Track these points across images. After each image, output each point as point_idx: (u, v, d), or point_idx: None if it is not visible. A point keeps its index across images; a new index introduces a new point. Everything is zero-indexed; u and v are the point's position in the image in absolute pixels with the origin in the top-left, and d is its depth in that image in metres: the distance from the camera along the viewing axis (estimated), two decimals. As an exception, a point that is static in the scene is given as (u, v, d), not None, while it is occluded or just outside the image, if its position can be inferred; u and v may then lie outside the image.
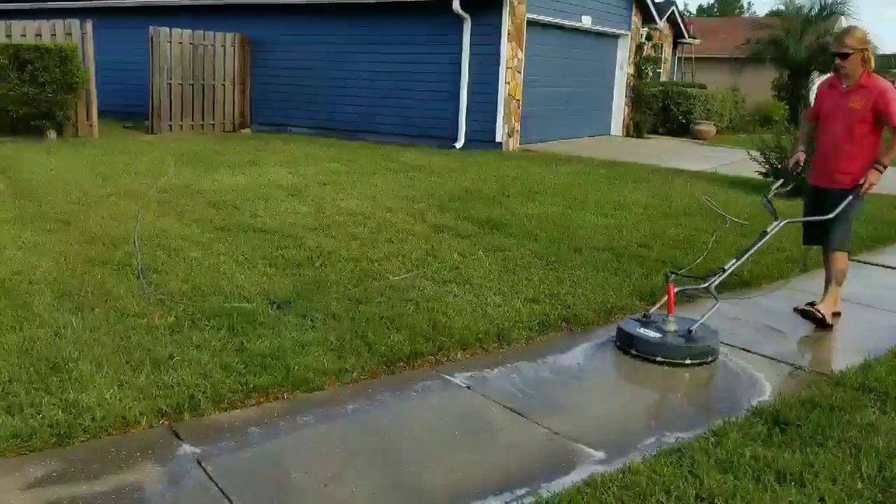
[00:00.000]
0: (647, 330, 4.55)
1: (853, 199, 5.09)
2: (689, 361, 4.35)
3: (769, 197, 5.36)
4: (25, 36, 13.14)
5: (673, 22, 22.96)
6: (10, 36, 13.11)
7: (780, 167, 10.46)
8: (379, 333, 4.48)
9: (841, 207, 5.06)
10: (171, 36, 14.74)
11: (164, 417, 3.45)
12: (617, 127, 19.01)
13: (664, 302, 4.74)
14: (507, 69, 13.96)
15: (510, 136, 14.39)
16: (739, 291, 5.92)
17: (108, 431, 3.30)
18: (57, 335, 4.21)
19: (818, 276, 5.67)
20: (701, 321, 4.58)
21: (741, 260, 5.11)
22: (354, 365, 4.08)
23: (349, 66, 15.35)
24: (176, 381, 3.73)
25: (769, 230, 5.17)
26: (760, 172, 10.76)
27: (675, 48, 24.01)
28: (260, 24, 16.21)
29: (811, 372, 4.38)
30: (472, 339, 4.54)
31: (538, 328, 4.82)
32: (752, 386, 4.17)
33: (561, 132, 16.50)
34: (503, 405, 3.82)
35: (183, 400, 3.56)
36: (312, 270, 5.75)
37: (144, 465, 3.09)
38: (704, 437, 3.41)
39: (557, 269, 6.12)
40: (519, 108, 14.55)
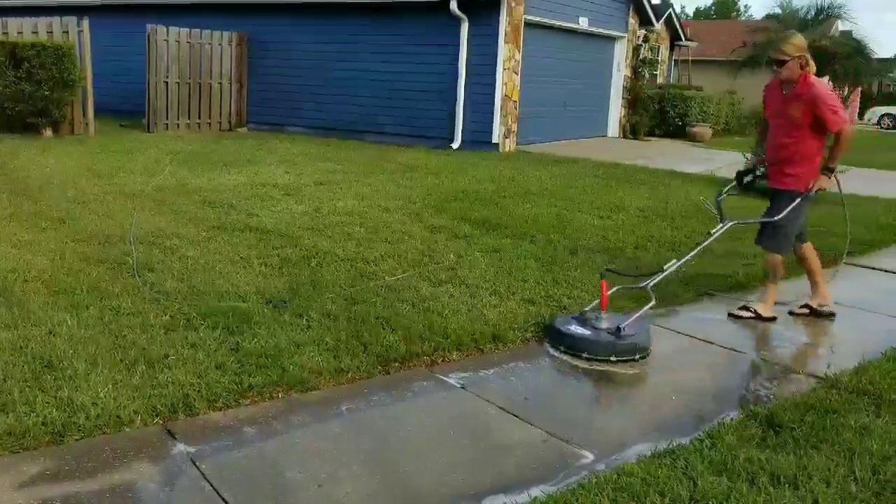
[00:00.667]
0: (576, 327, 4.57)
1: (801, 201, 5.16)
2: (614, 358, 4.37)
3: (720, 198, 5.44)
4: (22, 33, 13.11)
5: (670, 24, 22.96)
6: (6, 33, 13.08)
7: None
8: (374, 333, 4.48)
9: (788, 210, 5.13)
10: (168, 34, 14.72)
11: (158, 416, 3.44)
12: (613, 128, 19.04)
13: (609, 293, 4.76)
14: (504, 70, 13.97)
15: (507, 136, 14.40)
16: (735, 293, 5.93)
17: (102, 430, 3.30)
18: (51, 333, 4.20)
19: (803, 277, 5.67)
20: (631, 319, 4.61)
21: (682, 261, 5.17)
22: (350, 365, 4.07)
23: (347, 65, 15.34)
24: (171, 380, 3.73)
25: (714, 231, 5.24)
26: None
27: (671, 50, 24.01)
28: (258, 23, 16.20)
29: (805, 374, 4.39)
30: (467, 339, 4.54)
31: (534, 329, 4.82)
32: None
33: (558, 133, 16.51)
34: (498, 406, 3.82)
35: (177, 399, 3.55)
36: (308, 270, 5.74)
37: (139, 463, 3.09)
38: (699, 438, 3.42)
39: (553, 270, 6.12)
40: (516, 109, 14.56)
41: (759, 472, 3.12)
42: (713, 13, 68.63)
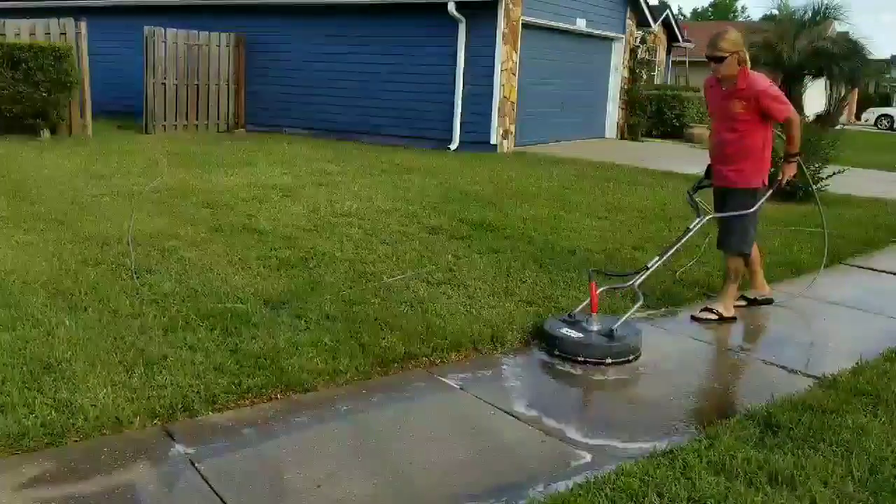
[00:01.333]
0: (569, 330, 4.54)
1: (767, 194, 5.23)
2: (609, 361, 4.37)
3: (693, 193, 5.46)
4: (19, 35, 13.10)
5: (667, 25, 23.02)
6: (3, 34, 13.07)
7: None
8: (373, 334, 4.49)
9: (760, 203, 5.16)
10: (165, 36, 14.73)
11: (157, 418, 3.44)
12: (611, 129, 19.05)
13: (596, 293, 4.72)
14: (501, 71, 13.99)
15: (505, 137, 14.41)
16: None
17: (101, 432, 3.30)
18: (50, 335, 4.20)
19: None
20: (623, 320, 4.59)
21: (664, 258, 5.17)
22: (348, 366, 4.07)
23: (344, 66, 15.35)
24: (169, 381, 3.73)
25: (691, 226, 5.25)
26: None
27: (669, 51, 24.07)
28: (255, 24, 16.20)
29: (802, 374, 4.39)
30: (465, 340, 4.54)
31: (532, 330, 4.83)
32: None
33: (555, 134, 16.53)
34: (496, 406, 3.82)
35: (176, 400, 3.55)
36: (306, 271, 5.75)
37: (137, 465, 3.09)
38: (697, 439, 3.42)
39: (552, 270, 6.12)
40: (513, 110, 14.57)
41: (756, 472, 3.13)
42: (710, 14, 68.73)
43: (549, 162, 13.17)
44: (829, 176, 10.31)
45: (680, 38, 23.97)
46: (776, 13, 26.49)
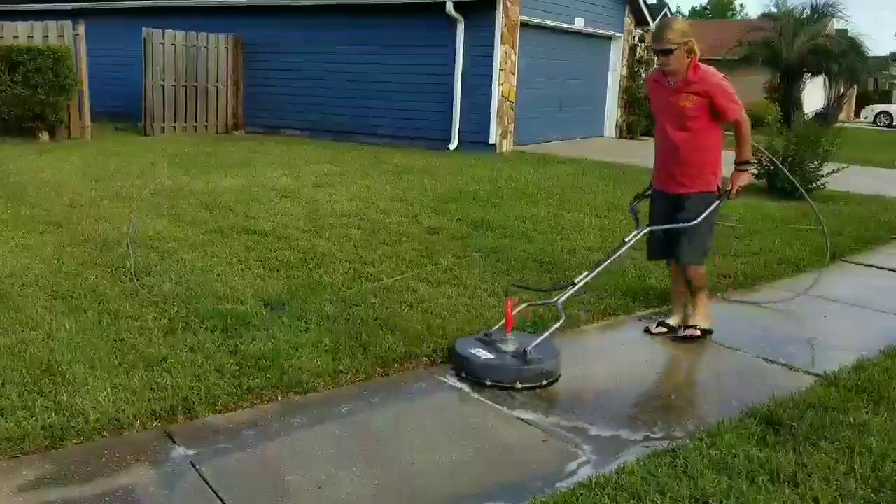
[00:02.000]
0: (479, 350, 4.14)
1: (718, 203, 4.73)
2: (519, 385, 3.97)
3: (635, 203, 5.03)
4: (18, 37, 13.09)
5: (666, 24, 22.99)
6: (2, 37, 13.07)
7: (771, 169, 10.49)
8: (373, 335, 4.48)
9: (707, 213, 4.64)
10: (164, 37, 14.72)
11: (157, 420, 3.44)
12: (610, 128, 19.05)
13: (517, 311, 4.41)
14: (500, 71, 13.98)
15: (503, 137, 14.40)
16: (733, 292, 5.94)
17: (101, 434, 3.29)
18: (50, 337, 4.20)
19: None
20: (538, 341, 4.17)
21: (594, 273, 4.67)
22: (349, 366, 4.07)
23: (342, 67, 15.34)
24: (170, 383, 3.72)
25: (628, 239, 4.80)
26: (753, 173, 10.76)
27: (667, 50, 24.02)
28: (253, 25, 16.19)
29: (803, 372, 4.39)
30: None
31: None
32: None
33: (554, 133, 16.52)
34: (498, 406, 3.82)
35: (177, 402, 3.55)
36: (306, 272, 5.74)
37: (138, 467, 3.08)
38: (698, 437, 3.42)
39: (551, 270, 6.12)
40: (512, 109, 14.56)
41: (758, 470, 3.13)
42: (708, 13, 68.74)
43: (548, 161, 13.16)
44: (828, 173, 10.30)
45: (678, 36, 23.92)
46: (774, 11, 26.49)
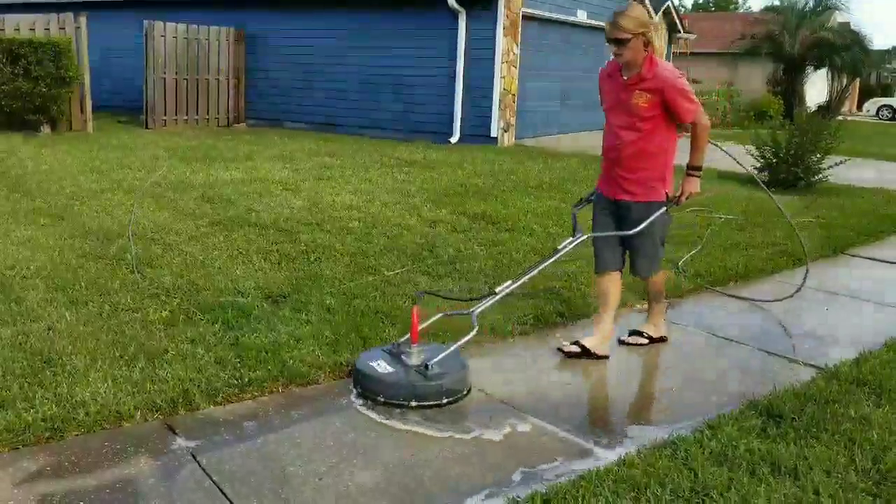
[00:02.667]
0: (379, 363, 3.82)
1: (664, 211, 4.34)
2: (414, 403, 3.63)
3: (579, 206, 4.68)
4: (19, 30, 13.06)
5: (668, 16, 22.92)
6: (3, 30, 13.03)
7: (774, 162, 10.47)
8: (374, 327, 4.48)
9: (646, 223, 4.26)
10: (165, 30, 14.69)
11: (158, 412, 3.44)
12: (612, 122, 18.98)
13: (428, 323, 4.10)
14: (502, 63, 13.94)
15: (505, 130, 14.38)
16: (731, 287, 5.93)
17: (102, 426, 3.29)
18: (51, 329, 4.20)
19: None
20: (443, 355, 3.81)
21: (518, 282, 4.26)
22: (350, 359, 4.06)
23: (344, 60, 15.32)
24: (170, 375, 3.72)
25: (560, 247, 4.44)
26: (755, 166, 10.76)
27: (669, 43, 23.98)
28: (255, 18, 16.17)
29: (804, 364, 4.38)
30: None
31: (533, 322, 4.82)
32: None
33: (556, 127, 16.49)
34: (497, 398, 3.82)
35: (177, 394, 3.55)
36: (307, 265, 5.74)
37: (139, 459, 3.09)
38: (699, 430, 3.41)
39: (553, 263, 6.10)
40: (514, 102, 14.53)
41: (759, 462, 3.12)
42: (711, 5, 68.55)
43: (550, 155, 13.14)
44: (830, 166, 10.29)
45: (681, 29, 23.88)
46: (777, 4, 26.44)
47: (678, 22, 23.63)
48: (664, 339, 4.69)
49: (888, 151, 16.55)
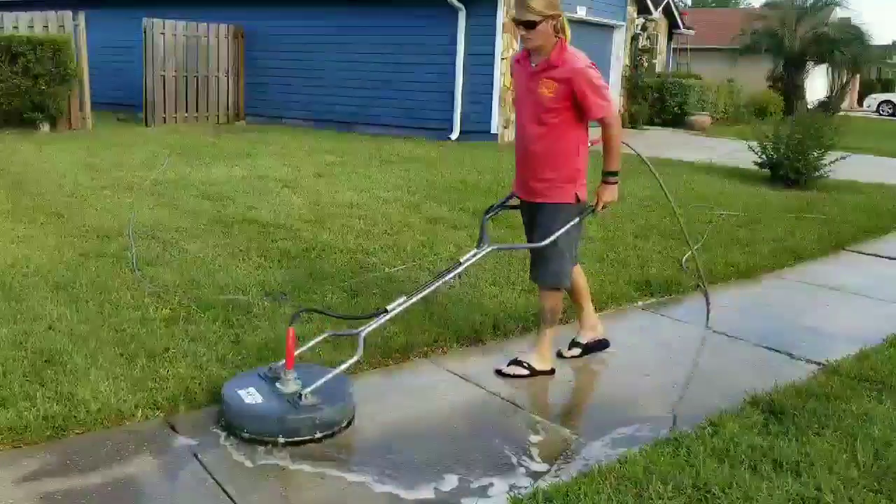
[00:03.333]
0: (245, 392, 3.38)
1: (577, 218, 3.94)
2: (282, 439, 3.20)
3: (493, 212, 4.29)
4: (18, 28, 13.05)
5: (668, 12, 22.90)
6: (2, 28, 13.03)
7: (775, 158, 10.46)
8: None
9: (559, 234, 3.87)
10: (164, 27, 14.67)
11: (159, 410, 3.44)
12: (612, 118, 18.97)
13: (310, 345, 3.74)
14: (502, 60, 13.92)
15: (505, 127, 14.36)
16: (732, 282, 5.93)
17: (103, 424, 3.29)
18: (51, 328, 4.19)
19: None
20: (320, 382, 3.36)
21: (413, 300, 3.77)
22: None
23: (344, 57, 15.30)
24: (171, 373, 3.72)
25: (464, 259, 3.95)
26: (756, 163, 10.76)
27: (670, 39, 23.96)
28: (254, 15, 16.14)
29: (805, 361, 4.38)
30: (468, 330, 4.53)
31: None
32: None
33: (556, 123, 16.45)
34: (500, 396, 3.81)
35: (179, 392, 3.55)
36: (308, 262, 5.73)
37: (140, 457, 3.08)
38: (701, 426, 3.41)
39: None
40: (513, 98, 14.50)
41: (761, 459, 3.12)
42: (712, 1, 68.48)
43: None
44: (831, 162, 10.27)
45: (681, 25, 23.86)
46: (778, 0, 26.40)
47: (678, 18, 23.61)
48: (551, 372, 4.08)
49: (889, 147, 16.53)
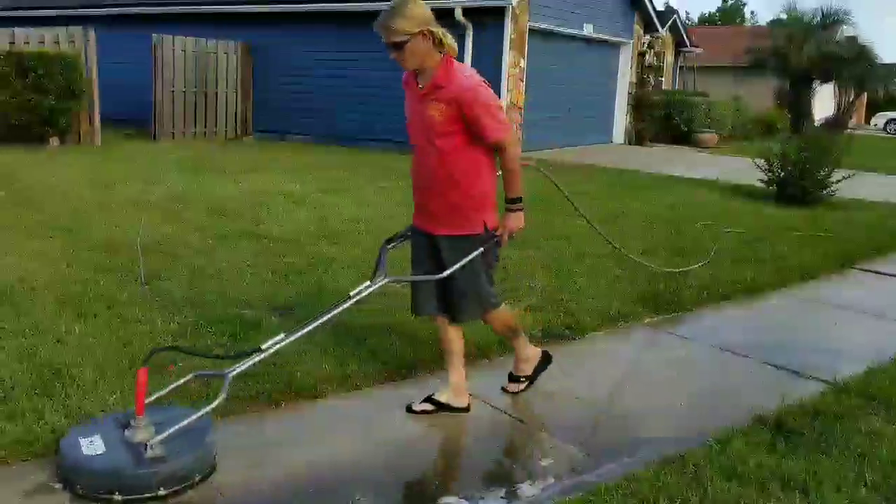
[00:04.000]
0: (86, 441, 3.01)
1: (482, 250, 3.55)
2: (118, 497, 2.84)
3: (392, 243, 3.87)
4: (29, 43, 13.15)
5: (675, 30, 23.00)
6: (13, 43, 13.12)
7: (782, 176, 10.46)
8: (381, 340, 4.48)
9: (457, 266, 3.51)
10: (174, 44, 14.79)
11: (166, 424, 3.44)
12: (619, 135, 19.04)
13: (172, 387, 3.32)
14: (508, 77, 13.99)
15: (511, 143, 14.39)
16: (737, 301, 5.92)
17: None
18: (59, 341, 4.21)
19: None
20: (172, 430, 2.98)
21: (292, 338, 3.36)
22: (356, 372, 4.07)
23: (351, 73, 15.38)
24: (179, 388, 3.71)
25: (354, 293, 3.60)
26: (763, 181, 10.76)
27: (676, 56, 24.05)
28: (262, 32, 16.25)
29: (813, 379, 4.36)
30: (473, 346, 4.52)
31: (541, 335, 4.81)
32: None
33: (563, 140, 16.52)
34: (506, 413, 3.81)
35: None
36: (315, 277, 5.75)
37: None
38: (708, 444, 3.40)
39: (560, 275, 6.11)
40: (521, 115, 14.57)
41: (768, 477, 3.11)
42: (718, 20, 68.67)
43: (556, 167, 13.14)
44: (838, 180, 10.27)
45: (688, 43, 23.96)
46: (784, 18, 26.47)
47: (685, 36, 23.70)
48: (545, 359, 4.00)
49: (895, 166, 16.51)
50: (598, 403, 4.15)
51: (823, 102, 27.67)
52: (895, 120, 36.20)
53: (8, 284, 5.14)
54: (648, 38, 19.66)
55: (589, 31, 16.65)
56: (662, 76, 21.64)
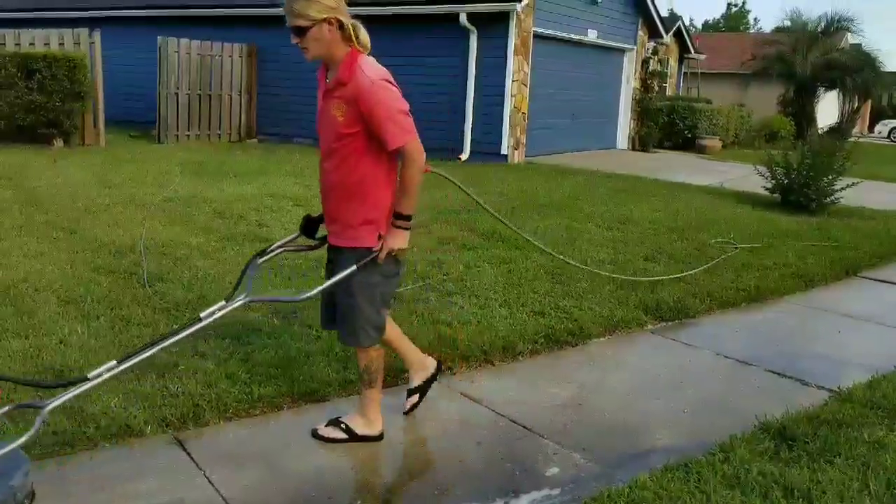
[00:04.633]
0: None
1: (366, 268, 3.19)
2: None
3: (259, 260, 3.42)
4: (34, 45, 13.20)
5: (679, 37, 23.02)
6: (18, 44, 13.18)
7: (786, 183, 10.44)
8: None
9: (339, 278, 3.19)
10: (179, 46, 14.80)
11: (168, 426, 3.44)
12: (623, 140, 19.04)
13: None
14: (513, 82, 13.99)
15: (515, 148, 14.41)
16: (739, 308, 5.91)
17: (112, 440, 3.29)
18: (62, 343, 4.21)
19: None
20: None
21: (124, 365, 2.97)
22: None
23: (356, 77, 15.36)
24: (181, 390, 3.72)
25: (205, 314, 3.16)
26: (766, 188, 10.75)
27: (680, 63, 24.06)
28: (266, 34, 16.26)
29: (816, 387, 4.35)
30: (477, 351, 4.52)
31: (544, 341, 4.81)
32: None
33: (566, 145, 16.52)
34: (510, 419, 3.80)
35: (188, 409, 3.55)
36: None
37: (148, 474, 3.08)
38: (711, 452, 3.39)
39: (563, 281, 6.10)
40: (524, 120, 14.58)
41: (772, 485, 3.10)
42: (722, 26, 68.70)
43: (560, 173, 13.15)
44: (842, 188, 10.25)
45: (692, 49, 23.97)
46: (789, 25, 26.47)
47: (689, 43, 23.72)
48: (378, 437, 3.43)
49: (900, 173, 16.50)
50: (601, 410, 4.14)
51: (827, 110, 27.65)
52: (900, 128, 36.16)
53: (11, 285, 5.15)
54: (653, 44, 19.67)
55: (593, 36, 16.66)
56: (666, 82, 21.64)
